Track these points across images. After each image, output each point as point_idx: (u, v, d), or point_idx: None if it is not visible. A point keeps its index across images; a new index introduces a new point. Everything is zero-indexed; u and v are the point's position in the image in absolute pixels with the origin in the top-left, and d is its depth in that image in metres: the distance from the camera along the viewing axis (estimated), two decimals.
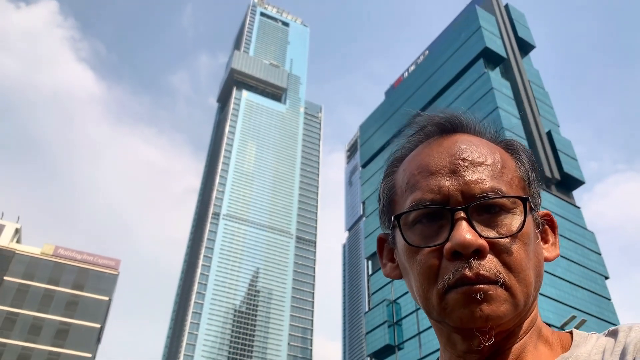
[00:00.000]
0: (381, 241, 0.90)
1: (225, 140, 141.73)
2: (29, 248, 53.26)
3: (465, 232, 0.70)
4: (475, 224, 0.72)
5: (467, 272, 0.69)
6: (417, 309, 61.88)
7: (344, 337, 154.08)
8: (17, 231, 55.50)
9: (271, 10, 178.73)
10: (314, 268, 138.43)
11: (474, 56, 73.85)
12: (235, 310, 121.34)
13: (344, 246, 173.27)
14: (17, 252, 51.79)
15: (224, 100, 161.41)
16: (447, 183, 0.75)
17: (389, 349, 63.28)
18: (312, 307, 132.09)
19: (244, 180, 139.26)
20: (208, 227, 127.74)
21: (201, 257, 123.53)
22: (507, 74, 74.25)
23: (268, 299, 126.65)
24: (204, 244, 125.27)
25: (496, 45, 74.15)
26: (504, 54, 74.49)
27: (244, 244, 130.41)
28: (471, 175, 0.75)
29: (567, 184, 67.91)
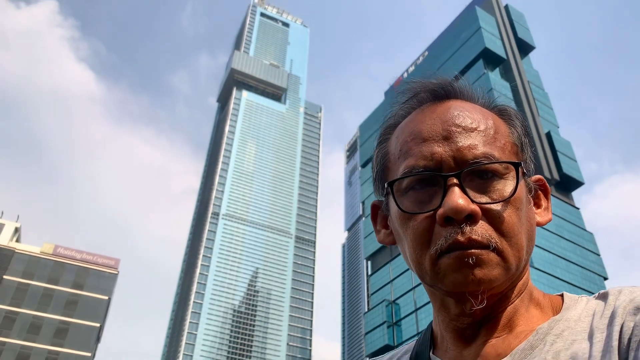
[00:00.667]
0: (375, 208, 0.90)
1: (225, 139, 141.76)
2: (29, 247, 53.26)
3: (457, 198, 0.70)
4: (467, 189, 0.72)
5: (460, 237, 0.70)
6: (417, 309, 61.97)
7: (343, 338, 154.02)
8: (16, 230, 55.49)
9: (271, 11, 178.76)
10: (314, 268, 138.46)
11: (473, 57, 73.93)
12: (235, 310, 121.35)
13: (344, 246, 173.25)
14: (16, 251, 51.79)
15: (224, 100, 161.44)
16: (439, 149, 0.75)
17: (388, 350, 63.33)
18: (312, 308, 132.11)
19: (244, 180, 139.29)
20: (207, 226, 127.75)
21: (200, 256, 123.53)
22: (507, 74, 74.33)
23: (267, 299, 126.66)
24: (203, 243, 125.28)
25: (496, 46, 74.25)
26: (503, 55, 74.59)
27: (243, 243, 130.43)
28: (464, 141, 0.75)
29: (567, 184, 68.01)
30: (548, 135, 69.35)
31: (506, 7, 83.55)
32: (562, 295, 0.80)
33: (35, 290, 49.68)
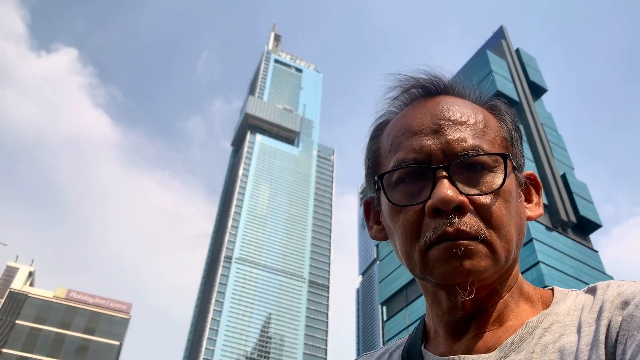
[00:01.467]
0: (367, 205, 0.90)
1: (238, 182, 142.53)
2: (42, 291, 53.12)
3: (446, 189, 0.70)
4: (457, 182, 0.73)
5: (448, 228, 0.70)
6: None
7: None
8: (30, 274, 55.56)
9: (285, 57, 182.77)
10: (327, 314, 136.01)
11: None
12: (247, 357, 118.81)
13: (358, 291, 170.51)
14: (29, 295, 51.64)
15: (238, 143, 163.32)
16: (429, 142, 0.75)
17: None
18: (325, 355, 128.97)
19: (257, 223, 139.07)
20: (220, 270, 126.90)
21: (213, 301, 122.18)
22: (520, 117, 73.77)
23: (280, 345, 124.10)
24: (216, 288, 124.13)
25: (508, 89, 74.73)
26: (516, 98, 74.96)
27: (256, 288, 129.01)
28: (453, 134, 0.76)
29: (584, 227, 66.84)
30: (563, 177, 68.74)
31: (517, 50, 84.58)
32: (552, 289, 0.81)
33: (47, 335, 49.20)
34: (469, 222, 0.71)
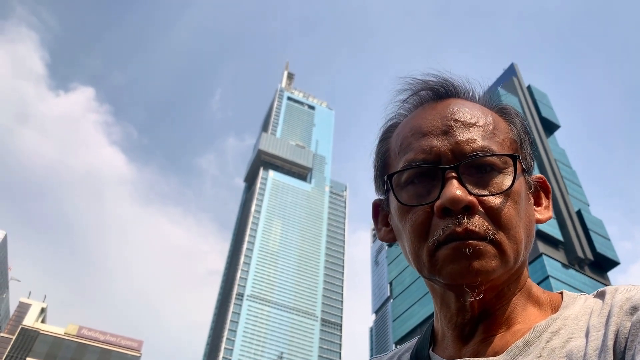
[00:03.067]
0: (376, 207, 0.90)
1: (251, 219, 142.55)
2: (53, 328, 52.97)
3: (455, 189, 0.70)
4: (466, 183, 0.72)
5: (457, 228, 0.70)
6: None
7: None
8: (42, 310, 55.51)
9: (298, 95, 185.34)
10: (340, 353, 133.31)
11: None
12: None
13: (371, 329, 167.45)
14: (41, 332, 51.47)
15: (250, 180, 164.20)
16: (438, 143, 0.76)
17: None
18: None
19: (269, 260, 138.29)
20: (232, 308, 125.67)
21: (224, 339, 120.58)
22: (533, 153, 74.10)
23: None
24: (227, 325, 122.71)
25: None
26: None
27: (268, 326, 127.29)
28: (462, 135, 0.76)
29: (601, 264, 65.54)
30: (579, 213, 67.90)
31: (529, 87, 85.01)
32: (562, 293, 0.80)
33: None
34: (478, 222, 0.70)
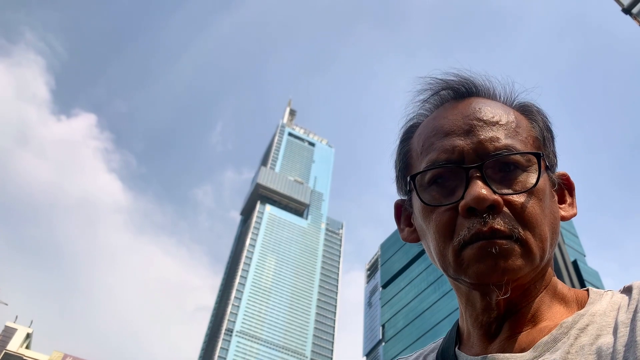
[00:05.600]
0: (398, 207, 0.90)
1: (245, 253, 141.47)
2: (37, 354, 51.72)
3: (480, 188, 0.70)
4: (490, 182, 0.72)
5: (483, 227, 0.69)
6: None
7: None
8: (28, 336, 54.35)
9: (299, 131, 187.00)
10: None
11: None
12: None
13: None
14: (24, 358, 50.29)
15: (247, 213, 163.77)
16: (461, 142, 0.76)
17: None
18: None
19: (261, 296, 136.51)
20: (220, 343, 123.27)
21: None
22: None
23: None
24: None
25: None
26: None
27: None
28: (485, 134, 0.76)
29: None
30: (574, 263, 67.51)
31: None
32: (587, 290, 0.80)
33: None
34: (504, 221, 0.70)
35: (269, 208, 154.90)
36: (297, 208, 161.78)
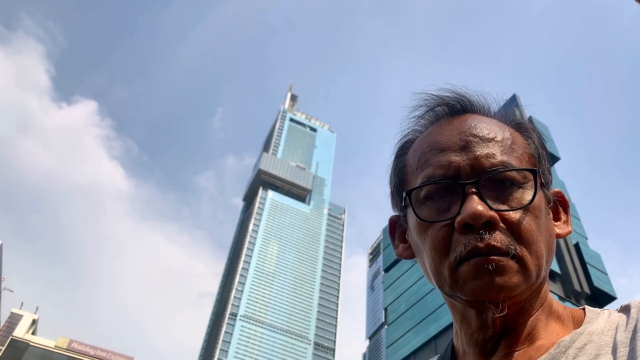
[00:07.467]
0: (393, 223, 0.90)
1: (248, 238, 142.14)
2: (43, 340, 52.42)
3: (476, 204, 0.70)
4: (486, 198, 0.72)
5: (479, 243, 0.69)
6: None
7: None
8: (34, 322, 54.98)
9: (300, 117, 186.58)
10: None
11: None
12: None
13: (364, 355, 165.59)
14: (31, 344, 50.93)
15: (249, 199, 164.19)
16: (457, 158, 0.76)
17: None
18: None
19: (264, 281, 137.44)
20: (224, 327, 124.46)
21: (215, 359, 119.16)
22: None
23: None
24: (219, 345, 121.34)
25: None
26: None
27: (260, 347, 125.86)
28: (481, 150, 0.76)
29: (598, 298, 65.14)
30: (577, 246, 67.83)
31: (530, 118, 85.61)
32: (584, 309, 0.79)
33: None
34: (500, 237, 0.70)
35: (271, 194, 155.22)
36: (300, 193, 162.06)
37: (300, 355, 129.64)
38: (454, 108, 0.84)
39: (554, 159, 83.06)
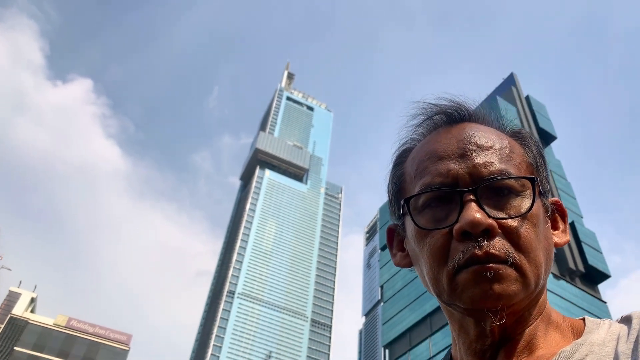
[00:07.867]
0: (391, 232, 0.90)
1: (245, 217, 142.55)
2: (42, 318, 52.84)
3: (474, 212, 0.70)
4: (484, 205, 0.72)
5: (477, 251, 0.69)
6: None
7: None
8: (32, 300, 55.37)
9: (297, 95, 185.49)
10: (329, 354, 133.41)
11: None
12: None
13: (360, 332, 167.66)
14: (30, 321, 51.35)
15: (246, 178, 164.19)
16: (455, 166, 0.75)
17: None
18: None
19: (262, 259, 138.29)
20: (222, 305, 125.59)
21: (213, 336, 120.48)
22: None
23: None
24: (217, 323, 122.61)
25: None
26: None
27: (258, 324, 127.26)
28: (479, 158, 0.76)
29: (592, 277, 65.83)
30: (572, 225, 68.21)
31: (527, 97, 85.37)
32: (583, 319, 0.78)
33: None
34: (498, 245, 0.69)
35: (268, 173, 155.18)
36: (297, 173, 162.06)
37: (297, 332, 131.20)
38: (452, 116, 0.85)
39: (550, 138, 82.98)
